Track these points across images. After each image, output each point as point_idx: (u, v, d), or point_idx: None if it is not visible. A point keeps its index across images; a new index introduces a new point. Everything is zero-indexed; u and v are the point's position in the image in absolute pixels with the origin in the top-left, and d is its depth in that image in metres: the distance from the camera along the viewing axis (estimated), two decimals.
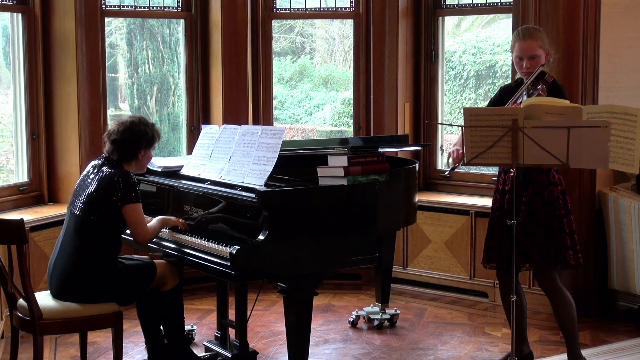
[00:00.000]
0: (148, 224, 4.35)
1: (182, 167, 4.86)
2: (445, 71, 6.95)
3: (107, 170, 4.23)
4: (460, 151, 4.44)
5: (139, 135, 4.33)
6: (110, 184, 4.16)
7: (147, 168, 4.97)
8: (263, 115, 6.73)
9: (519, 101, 4.32)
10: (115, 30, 8.54)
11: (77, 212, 4.21)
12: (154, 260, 4.39)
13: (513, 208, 4.15)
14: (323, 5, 6.95)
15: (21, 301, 4.12)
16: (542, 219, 4.34)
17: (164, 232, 4.51)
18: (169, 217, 4.50)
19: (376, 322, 5.56)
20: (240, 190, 4.21)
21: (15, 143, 6.02)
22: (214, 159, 4.63)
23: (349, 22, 6.99)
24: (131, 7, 6.46)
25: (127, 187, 4.16)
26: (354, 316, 5.62)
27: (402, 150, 6.18)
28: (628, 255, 5.53)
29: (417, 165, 5.19)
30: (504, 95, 4.55)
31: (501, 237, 4.46)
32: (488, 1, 6.53)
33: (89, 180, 4.25)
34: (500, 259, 4.49)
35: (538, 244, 4.34)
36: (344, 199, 4.16)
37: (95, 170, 4.28)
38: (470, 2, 6.65)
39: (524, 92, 4.33)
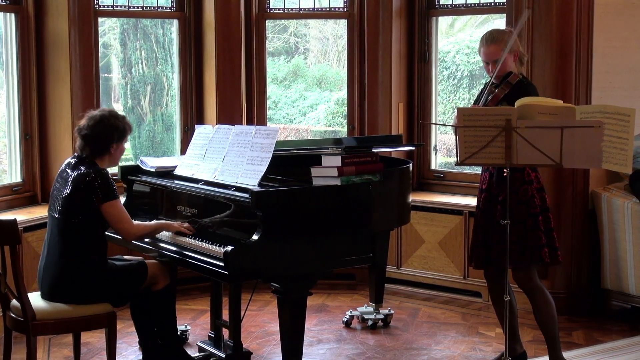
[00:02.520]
0: (142, 223, 4.32)
1: (175, 167, 4.86)
2: (439, 71, 6.96)
3: (81, 169, 4.16)
4: None
5: (110, 129, 4.25)
6: (85, 183, 4.09)
7: (141, 168, 4.98)
8: (257, 115, 6.72)
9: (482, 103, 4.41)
10: (109, 30, 8.53)
11: (56, 215, 4.17)
12: (145, 261, 4.37)
13: (507, 208, 4.16)
14: (317, 6, 6.95)
15: (14, 302, 4.11)
16: (517, 217, 4.35)
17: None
18: (171, 222, 4.44)
19: (370, 322, 5.56)
20: (234, 190, 4.21)
21: (8, 143, 6.00)
22: (207, 159, 4.62)
23: (343, 22, 6.99)
24: (124, 7, 6.45)
25: (102, 185, 4.09)
26: (347, 316, 5.62)
27: (395, 150, 6.18)
28: (621, 255, 5.54)
29: (410, 165, 5.19)
30: (481, 93, 4.61)
31: (477, 236, 4.50)
32: (481, 1, 6.54)
33: (64, 182, 4.19)
34: (480, 258, 4.51)
35: (513, 242, 4.34)
36: (338, 199, 4.16)
37: (69, 170, 4.21)
38: (464, 2, 6.66)
39: (484, 95, 4.44)
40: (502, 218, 4.27)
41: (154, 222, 4.41)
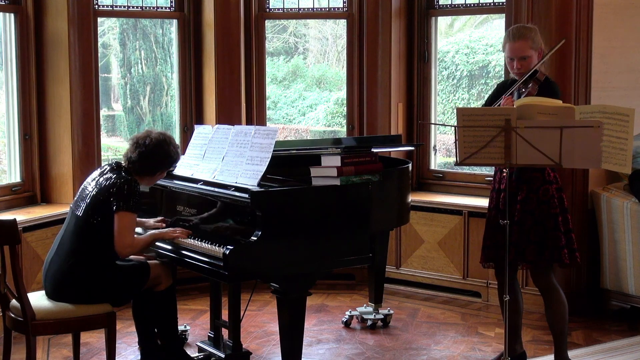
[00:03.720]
0: (136, 237, 4.29)
1: (175, 167, 4.86)
2: (438, 71, 6.96)
3: (114, 176, 4.21)
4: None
5: (164, 156, 4.32)
6: (114, 189, 4.13)
7: None
8: (256, 115, 6.72)
9: (512, 97, 4.34)
10: (108, 30, 8.54)
11: (79, 213, 4.19)
12: (148, 261, 4.38)
13: (507, 208, 4.16)
14: (316, 6, 6.95)
15: (14, 302, 4.11)
16: (537, 217, 4.35)
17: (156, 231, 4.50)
18: (164, 230, 4.43)
19: (369, 322, 5.56)
20: (233, 190, 4.20)
21: (7, 143, 6.00)
22: (207, 159, 4.62)
23: (342, 22, 6.99)
24: (124, 7, 6.45)
25: (128, 194, 4.12)
26: (347, 316, 5.62)
27: (395, 150, 6.18)
28: (620, 255, 5.54)
29: (410, 165, 5.19)
30: (501, 92, 4.56)
31: (496, 236, 4.46)
32: (481, 1, 6.54)
33: (96, 184, 4.23)
34: (497, 258, 4.49)
35: (533, 242, 4.35)
36: (337, 199, 4.16)
37: (104, 175, 4.26)
38: (463, 2, 6.66)
39: (515, 91, 4.35)
40: (522, 217, 4.29)
41: (147, 234, 4.40)
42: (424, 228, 6.35)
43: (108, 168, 4.32)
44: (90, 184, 4.28)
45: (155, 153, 4.29)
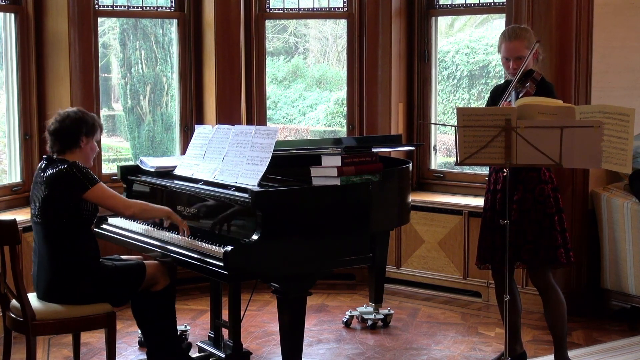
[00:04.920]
0: (148, 203, 4.37)
1: (175, 167, 4.86)
2: (439, 71, 6.96)
3: (53, 169, 4.13)
4: None
5: (78, 122, 4.22)
6: (62, 179, 4.06)
7: (140, 168, 4.98)
8: (256, 115, 6.72)
9: (507, 100, 4.34)
10: (108, 30, 8.53)
11: (38, 220, 4.14)
12: (144, 261, 4.36)
13: (506, 208, 4.16)
14: (316, 5, 6.95)
15: (14, 302, 4.10)
16: (533, 217, 4.35)
17: (157, 231, 4.50)
18: (177, 217, 4.37)
19: (370, 322, 5.56)
20: (233, 190, 4.21)
21: (8, 143, 6.00)
22: (207, 159, 4.62)
23: (342, 22, 6.99)
24: (124, 7, 6.45)
25: (80, 175, 4.07)
26: (347, 316, 5.62)
27: (395, 150, 6.18)
28: (621, 254, 5.54)
29: (410, 165, 5.19)
30: (495, 95, 4.57)
31: (493, 237, 4.47)
32: (481, 1, 6.54)
33: (39, 185, 4.15)
34: (493, 258, 4.49)
35: (529, 242, 4.36)
36: (337, 199, 4.15)
37: (41, 174, 4.18)
38: (464, 2, 6.66)
39: (512, 91, 4.35)
40: (519, 217, 4.29)
41: (162, 207, 4.38)
42: (424, 228, 6.35)
43: (44, 165, 4.22)
44: (35, 188, 4.20)
45: (67, 124, 4.22)
